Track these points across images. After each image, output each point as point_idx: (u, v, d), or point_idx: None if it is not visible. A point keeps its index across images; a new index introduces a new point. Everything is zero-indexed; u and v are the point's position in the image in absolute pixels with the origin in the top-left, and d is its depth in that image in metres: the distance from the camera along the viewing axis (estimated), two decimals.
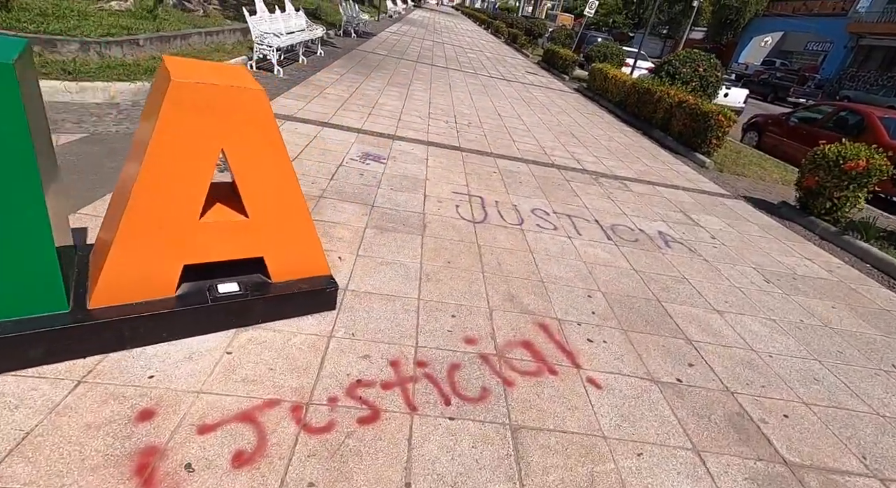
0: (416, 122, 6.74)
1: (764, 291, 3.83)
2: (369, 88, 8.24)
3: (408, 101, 8.03)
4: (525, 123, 8.32)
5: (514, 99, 10.53)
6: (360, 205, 3.79)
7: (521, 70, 16.78)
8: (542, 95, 11.90)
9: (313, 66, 9.01)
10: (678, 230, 4.79)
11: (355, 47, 12.95)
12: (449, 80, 11.02)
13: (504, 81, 12.91)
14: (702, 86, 10.57)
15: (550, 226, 4.22)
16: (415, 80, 10.14)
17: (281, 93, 6.61)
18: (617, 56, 15.90)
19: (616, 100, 11.69)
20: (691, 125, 8.28)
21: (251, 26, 7.19)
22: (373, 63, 11.02)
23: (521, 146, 6.76)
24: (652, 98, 9.77)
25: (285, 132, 5.03)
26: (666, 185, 6.33)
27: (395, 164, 4.88)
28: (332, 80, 8.24)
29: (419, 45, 17.25)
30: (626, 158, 7.34)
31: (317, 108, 6.25)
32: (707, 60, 10.62)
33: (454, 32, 28.98)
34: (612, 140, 8.45)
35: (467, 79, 11.93)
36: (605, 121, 10.21)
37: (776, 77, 27.06)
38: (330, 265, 2.82)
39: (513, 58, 20.65)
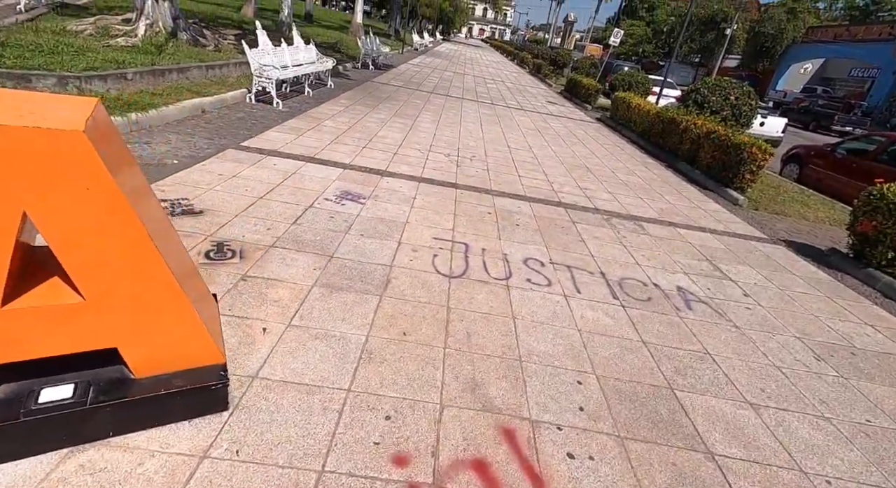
0: (413, 156, 6.28)
1: (813, 373, 3.02)
2: (372, 120, 7.91)
3: (411, 133, 7.63)
4: (535, 156, 7.75)
5: (528, 129, 10.02)
6: (317, 255, 3.27)
7: (542, 100, 16.37)
8: (559, 125, 11.36)
9: (319, 99, 8.81)
10: (703, 285, 4.03)
11: (370, 79, 12.86)
12: (461, 111, 10.65)
13: (520, 111, 12.47)
14: (734, 115, 9.79)
15: (543, 281, 3.57)
16: (424, 111, 9.81)
17: (273, 125, 6.32)
18: (642, 84, 15.29)
19: (639, 130, 11.02)
20: (721, 158, 7.51)
21: (250, 59, 7.02)
22: (384, 94, 10.81)
23: (527, 182, 6.17)
24: (677, 128, 9.06)
25: (260, 169, 4.64)
26: (691, 227, 5.56)
27: (374, 205, 4.37)
28: (334, 112, 7.96)
29: (438, 77, 17.18)
30: (645, 195, 6.63)
31: (307, 142, 5.88)
32: (739, 88, 9.86)
33: (478, 63, 29.16)
34: (631, 174, 7.75)
35: (481, 109, 11.55)
36: (625, 152, 9.53)
37: (818, 105, 25.69)
38: (247, 341, 2.27)
39: (534, 88, 20.35)
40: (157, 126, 5.23)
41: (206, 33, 10.00)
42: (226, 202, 3.77)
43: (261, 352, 2.27)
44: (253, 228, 3.45)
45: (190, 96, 6.10)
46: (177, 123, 5.51)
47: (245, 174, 4.45)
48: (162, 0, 8.80)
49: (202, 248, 3.05)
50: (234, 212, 3.64)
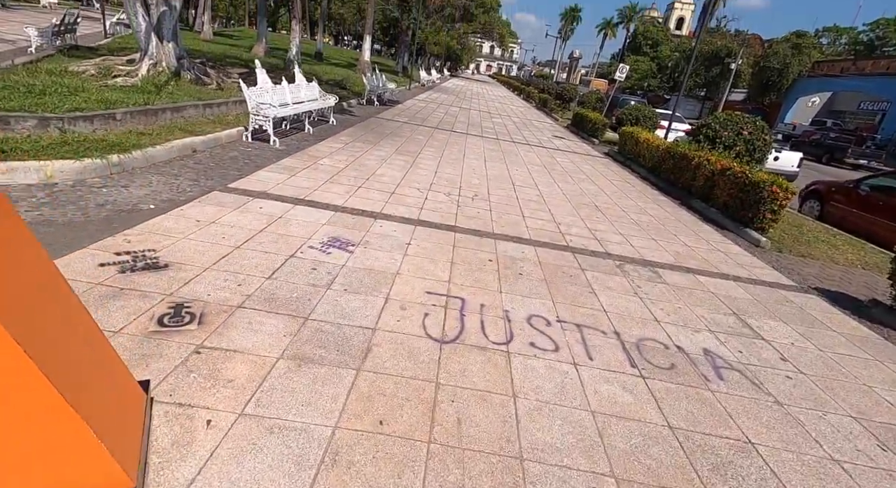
0: (411, 196, 5.97)
1: (882, 470, 2.50)
2: (371, 158, 7.68)
3: (411, 170, 7.37)
4: (541, 194, 7.41)
5: (534, 166, 9.75)
6: (290, 317, 2.87)
7: (548, 134, 16.26)
8: (566, 161, 11.10)
9: (320, 136, 8.65)
10: (733, 347, 3.54)
11: (374, 115, 12.83)
12: (465, 147, 10.45)
13: (526, 146, 12.28)
14: (748, 150, 9.44)
15: (550, 345, 3.12)
16: (427, 147, 9.62)
17: (267, 165, 6.07)
18: (650, 119, 15.12)
19: (649, 165, 10.70)
20: (739, 196, 7.10)
21: (247, 97, 6.89)
22: (386, 131, 10.69)
23: (532, 223, 5.79)
24: (689, 164, 8.71)
25: (244, 213, 4.32)
26: (712, 274, 5.10)
27: (363, 253, 4.00)
28: (333, 149, 7.76)
29: (444, 112, 17.23)
30: (660, 236, 6.20)
31: (299, 183, 5.61)
32: (752, 122, 9.56)
33: (484, 98, 29.54)
34: (643, 212, 7.36)
35: (486, 145, 11.36)
36: (636, 189, 9.18)
37: (830, 138, 25.36)
38: (184, 440, 1.84)
39: (540, 122, 20.36)
40: (142, 168, 4.99)
41: (211, 72, 10.04)
42: (197, 253, 3.43)
43: (198, 455, 1.84)
44: (222, 284, 3.08)
45: (181, 135, 5.90)
46: (164, 164, 5.27)
47: (226, 220, 4.13)
48: (166, 41, 8.85)
49: (157, 312, 2.67)
50: (205, 264, 3.29)
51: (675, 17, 79.69)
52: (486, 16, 49.86)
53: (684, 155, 8.94)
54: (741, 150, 9.46)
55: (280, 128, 8.44)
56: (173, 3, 8.76)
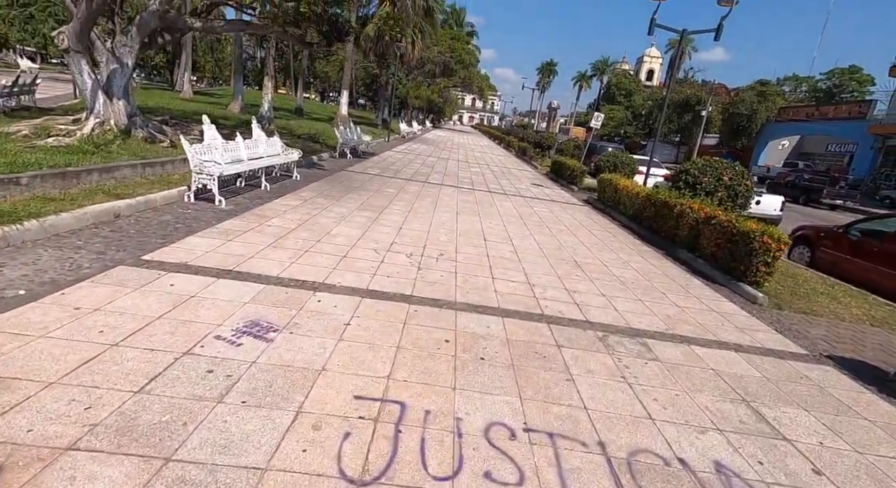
0: (365, 259, 5.28)
1: None
2: (330, 215, 7.05)
3: (372, 228, 6.73)
4: (515, 249, 6.79)
5: (510, 217, 9.22)
6: (144, 460, 2.05)
7: (526, 182, 16.01)
8: (544, 210, 10.64)
9: (278, 192, 8.06)
10: (750, 454, 2.77)
11: (345, 168, 12.41)
12: (437, 199, 9.95)
13: (503, 196, 11.85)
14: (730, 196, 9.08)
15: (512, 474, 2.32)
16: (396, 200, 9.07)
17: (202, 229, 5.38)
18: (628, 165, 15.01)
19: (630, 213, 10.28)
20: (727, 246, 6.55)
21: (189, 155, 6.31)
22: (354, 184, 10.18)
23: (503, 285, 5.10)
24: (671, 212, 8.25)
25: (146, 294, 3.56)
26: (710, 343, 4.39)
27: (285, 342, 3.23)
28: (287, 207, 7.13)
29: (420, 162, 16.99)
30: (647, 295, 5.54)
31: (234, 249, 4.89)
32: (732, 168, 9.27)
33: (465, 148, 29.81)
34: (626, 266, 6.75)
35: (460, 196, 10.90)
36: (617, 239, 8.64)
37: (804, 179, 25.80)
38: None
39: (519, 170, 20.27)
40: (36, 240, 4.25)
41: (167, 130, 9.56)
42: (49, 358, 2.63)
43: None
44: (61, 410, 2.27)
45: (103, 199, 5.22)
46: (69, 234, 4.54)
47: (118, 304, 3.35)
48: (117, 99, 8.40)
49: None
50: (51, 377, 2.49)
51: (646, 70, 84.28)
52: (465, 71, 51.91)
53: (665, 202, 8.51)
54: (723, 196, 9.10)
55: (234, 185, 7.85)
56: (125, 61, 8.38)
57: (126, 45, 8.29)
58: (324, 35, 9.61)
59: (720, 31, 10.94)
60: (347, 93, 22.85)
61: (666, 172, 19.01)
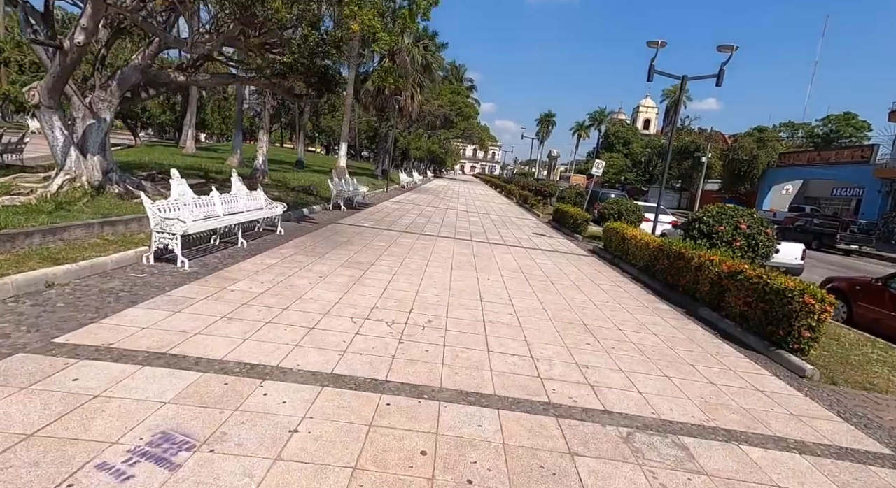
0: (338, 331, 4.47)
1: None
2: (307, 275, 6.32)
3: (354, 289, 5.97)
4: (516, 312, 5.97)
5: (510, 272, 8.45)
6: None
7: (528, 231, 15.38)
8: (547, 263, 9.88)
9: (255, 250, 7.39)
10: None
11: (336, 221, 11.85)
12: (431, 253, 9.24)
13: (503, 247, 11.15)
14: (749, 247, 8.32)
15: None
16: (386, 255, 8.37)
17: (149, 298, 4.64)
18: (633, 213, 14.41)
19: (640, 264, 9.49)
20: (760, 306, 5.71)
21: (149, 212, 5.69)
22: (342, 238, 9.53)
23: (500, 363, 4.25)
24: (688, 264, 7.47)
25: (35, 393, 2.76)
26: (764, 440, 3.46)
27: (199, 466, 2.37)
28: (261, 267, 6.43)
29: (418, 213, 16.50)
30: (672, 368, 4.65)
31: (179, 323, 4.12)
32: (749, 215, 8.59)
33: (465, 197, 29.62)
34: (644, 330, 5.88)
35: (456, 248, 10.20)
36: (629, 294, 7.80)
37: (814, 223, 25.09)
38: None
39: (521, 219, 19.75)
40: None
41: (147, 185, 9.10)
42: None
43: None
44: None
45: (36, 265, 4.54)
46: None
47: None
48: (91, 155, 7.98)
49: None
50: None
51: (642, 119, 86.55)
52: (465, 122, 53.22)
53: (681, 254, 7.75)
54: (742, 247, 8.34)
55: (207, 243, 7.20)
56: (103, 116, 8.04)
57: (104, 100, 7.98)
58: (313, 87, 9.37)
59: (721, 76, 10.68)
60: (346, 145, 22.96)
61: (672, 219, 18.42)
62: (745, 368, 4.98)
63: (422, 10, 11.62)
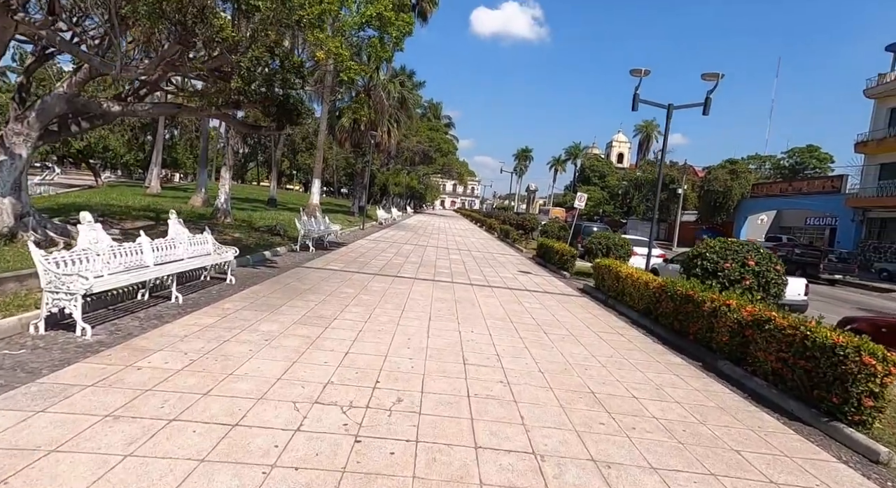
0: (270, 426, 3.28)
1: None
2: (248, 339, 5.11)
3: (306, 356, 4.79)
4: (507, 377, 4.85)
5: (496, 320, 7.37)
6: None
7: (512, 269, 14.42)
8: (536, 306, 8.84)
9: (191, 306, 6.17)
10: None
11: (301, 264, 10.66)
12: (406, 299, 8.11)
13: (487, 290, 10.10)
14: (760, 286, 7.49)
15: None
16: (353, 306, 7.21)
17: (6, 389, 3.38)
18: (621, 247, 13.64)
19: (639, 306, 8.55)
20: (800, 363, 4.74)
21: (39, 268, 4.48)
22: (305, 285, 8.34)
23: (492, 468, 3.10)
24: (699, 309, 6.54)
25: None
26: None
27: None
28: (193, 329, 5.21)
29: (394, 252, 15.42)
30: (713, 457, 3.57)
31: (30, 434, 2.89)
32: (756, 250, 7.81)
33: (445, 232, 28.77)
34: (663, 395, 4.82)
35: (436, 292, 9.10)
36: (634, 345, 6.78)
37: (796, 253, 24.94)
38: None
39: (503, 254, 18.84)
40: None
41: (73, 229, 7.83)
42: None
43: None
44: None
45: None
46: None
47: None
48: (1, 197, 6.74)
49: None
50: None
51: (616, 153, 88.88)
52: (444, 158, 53.28)
53: (688, 297, 6.83)
54: (752, 285, 7.49)
55: (132, 299, 5.96)
56: (17, 152, 6.88)
57: (20, 134, 6.84)
58: (272, 117, 8.45)
59: (708, 104, 10.24)
60: (319, 181, 22.04)
61: (661, 253, 17.80)
62: (802, 452, 3.93)
63: (394, 40, 11.04)
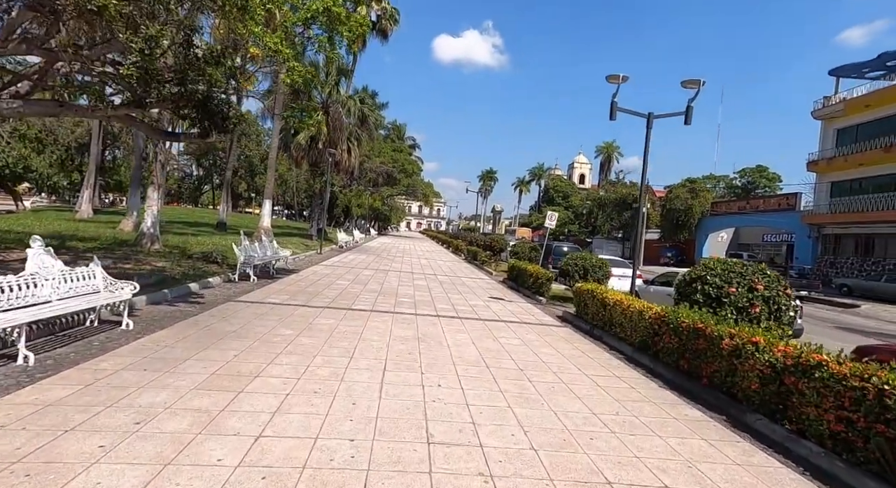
0: None
1: None
2: (113, 420, 3.48)
3: (191, 448, 3.21)
4: (488, 465, 3.43)
5: (469, 365, 5.96)
6: None
7: (483, 294, 13.11)
8: (515, 342, 7.50)
9: (48, 368, 4.46)
10: None
11: (236, 297, 8.95)
12: (358, 341, 6.59)
13: (456, 323, 8.69)
14: (771, 313, 6.47)
15: None
16: (287, 354, 5.63)
17: None
18: (600, 269, 12.62)
19: (634, 339, 7.37)
20: (880, 430, 3.57)
21: None
22: (230, 327, 6.67)
23: None
24: (715, 347, 5.38)
25: None
26: None
27: None
28: (25, 412, 3.53)
29: (352, 278, 13.82)
30: None
31: None
32: (761, 271, 6.83)
33: (410, 255, 27.30)
34: (697, 479, 3.53)
35: (396, 328, 7.61)
36: (639, 393, 5.52)
37: None
38: None
39: (472, 278, 17.55)
40: None
41: None
42: None
43: None
44: None
45: None
46: None
47: None
48: None
49: None
50: None
51: (577, 174, 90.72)
52: (408, 179, 52.16)
53: (698, 331, 5.68)
54: (762, 313, 6.46)
55: None
56: None
57: None
58: (193, 122, 6.92)
59: (689, 113, 9.48)
60: (270, 202, 20.24)
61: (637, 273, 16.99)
62: None
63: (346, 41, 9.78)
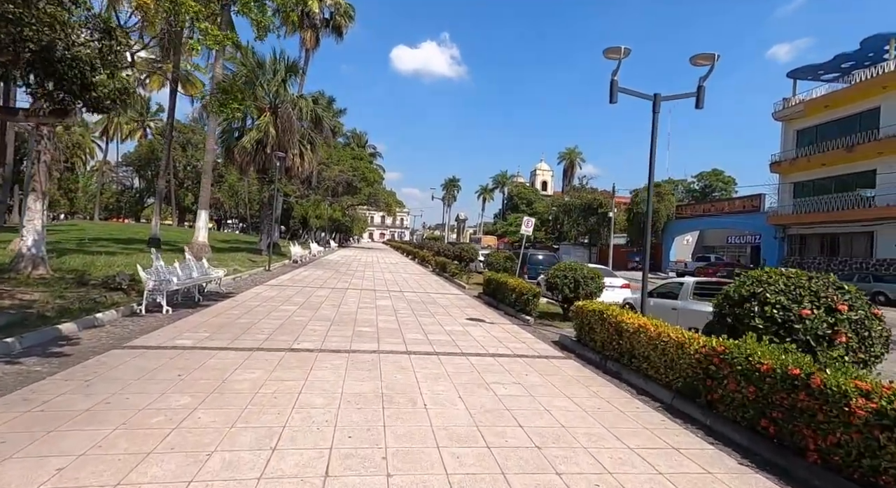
0: None
1: None
2: None
3: None
4: None
5: (461, 446, 3.91)
6: None
7: (459, 314, 11.10)
8: (515, 391, 5.52)
9: None
10: None
11: (128, 340, 6.51)
12: (290, 411, 4.40)
13: (433, 361, 6.63)
14: (860, 343, 4.81)
15: None
16: (159, 451, 3.39)
17: None
18: (593, 280, 10.90)
19: (670, 379, 5.56)
20: None
21: None
22: (81, 405, 4.30)
23: None
24: (837, 408, 3.61)
25: None
26: None
27: None
28: None
29: (301, 302, 11.46)
30: None
31: None
32: (841, 287, 5.18)
33: (373, 268, 24.97)
34: None
35: (350, 379, 5.45)
36: (722, 483, 3.66)
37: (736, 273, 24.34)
38: None
39: (443, 294, 15.52)
40: None
41: None
42: None
43: None
44: None
45: None
46: None
47: None
48: None
49: None
50: None
51: (540, 181, 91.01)
52: (370, 187, 49.77)
53: (793, 377, 3.90)
54: (849, 343, 4.79)
55: None
56: None
57: None
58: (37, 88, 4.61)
59: (701, 93, 7.95)
60: (206, 213, 17.56)
61: (623, 282, 15.54)
62: None
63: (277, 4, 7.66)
